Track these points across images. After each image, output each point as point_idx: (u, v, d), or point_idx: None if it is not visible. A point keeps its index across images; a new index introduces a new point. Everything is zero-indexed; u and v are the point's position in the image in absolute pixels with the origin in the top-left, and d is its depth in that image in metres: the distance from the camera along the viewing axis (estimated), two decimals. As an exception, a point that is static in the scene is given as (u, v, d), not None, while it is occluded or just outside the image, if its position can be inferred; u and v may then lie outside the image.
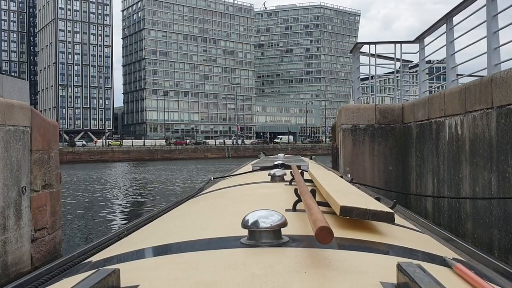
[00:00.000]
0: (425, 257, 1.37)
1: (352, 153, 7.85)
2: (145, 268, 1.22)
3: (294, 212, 1.78)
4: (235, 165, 30.78)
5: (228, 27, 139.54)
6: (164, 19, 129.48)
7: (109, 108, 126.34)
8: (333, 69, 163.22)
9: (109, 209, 17.07)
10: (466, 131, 5.21)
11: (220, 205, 2.44)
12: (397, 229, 1.73)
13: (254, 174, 3.95)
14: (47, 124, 7.23)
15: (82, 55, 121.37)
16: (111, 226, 13.21)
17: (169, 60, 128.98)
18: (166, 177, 33.67)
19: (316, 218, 1.16)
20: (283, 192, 2.48)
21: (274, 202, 2.13)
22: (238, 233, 1.34)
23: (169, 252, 1.37)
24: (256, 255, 1.18)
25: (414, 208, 7.12)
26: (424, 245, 1.61)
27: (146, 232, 1.96)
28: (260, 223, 1.23)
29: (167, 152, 77.98)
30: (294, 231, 1.39)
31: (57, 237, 7.47)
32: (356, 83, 8.70)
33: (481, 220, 4.88)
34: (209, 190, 3.52)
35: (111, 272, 0.97)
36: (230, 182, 3.75)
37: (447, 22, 6.54)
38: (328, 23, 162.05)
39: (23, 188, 6.41)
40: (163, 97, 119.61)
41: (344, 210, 1.50)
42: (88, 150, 73.15)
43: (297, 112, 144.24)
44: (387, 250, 1.37)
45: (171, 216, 2.39)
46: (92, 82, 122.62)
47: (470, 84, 5.10)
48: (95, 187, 26.49)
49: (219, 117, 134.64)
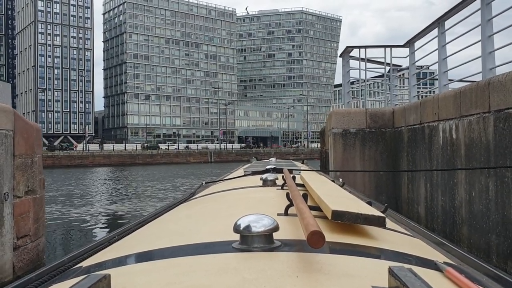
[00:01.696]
0: (416, 261, 1.37)
1: (343, 157, 7.78)
2: (136, 273, 1.21)
3: (286, 216, 1.77)
4: (219, 170, 30.29)
5: (210, 31, 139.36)
6: (145, 23, 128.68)
7: (90, 112, 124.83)
8: (315, 74, 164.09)
9: (90, 215, 16.74)
10: (462, 135, 5.16)
11: (212, 209, 2.42)
12: (388, 233, 1.73)
13: (246, 179, 3.93)
14: (30, 128, 6.99)
15: (62, 58, 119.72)
16: (95, 233, 12.93)
17: (150, 64, 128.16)
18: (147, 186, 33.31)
19: (307, 223, 1.16)
20: (275, 197, 2.46)
21: (266, 206, 2.10)
22: (230, 238, 1.33)
23: (161, 257, 1.36)
24: (248, 259, 1.17)
25: (405, 213, 7.07)
26: (415, 249, 1.61)
27: (137, 237, 1.93)
28: (252, 227, 1.23)
29: (148, 156, 77.31)
30: (286, 235, 1.38)
31: (40, 244, 7.22)
32: (346, 87, 8.64)
33: (477, 225, 4.83)
34: (201, 194, 3.50)
35: (101, 277, 0.96)
36: (222, 186, 3.73)
37: (439, 26, 6.52)
38: (310, 28, 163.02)
39: (5, 194, 6.17)
40: (145, 101, 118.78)
41: (335, 214, 1.50)
42: (68, 154, 72.10)
43: (279, 117, 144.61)
44: (378, 254, 1.38)
45: (162, 220, 2.36)
46: (73, 85, 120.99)
47: (465, 88, 5.06)
48: (76, 192, 26.03)
49: (201, 122, 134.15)
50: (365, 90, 8.36)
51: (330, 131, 8.03)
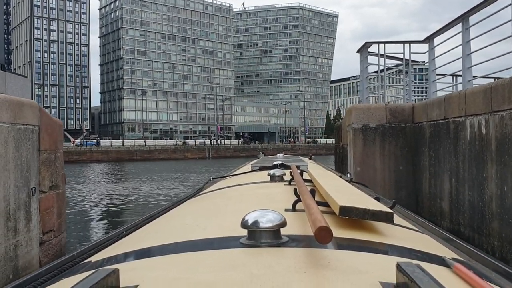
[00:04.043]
0: (424, 257, 1.36)
1: (363, 152, 7.83)
2: (144, 268, 1.21)
3: (293, 212, 1.76)
4: (216, 166, 30.34)
5: (207, 27, 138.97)
6: (142, 18, 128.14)
7: (87, 107, 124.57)
8: (311, 70, 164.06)
9: (107, 208, 16.75)
10: (492, 130, 5.21)
11: (219, 205, 2.44)
12: (396, 229, 1.73)
13: (253, 174, 3.96)
14: (54, 123, 6.99)
15: (59, 54, 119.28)
16: (102, 229, 12.97)
17: (147, 60, 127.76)
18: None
19: (315, 218, 1.16)
20: (282, 192, 2.47)
21: (273, 202, 2.11)
22: (238, 233, 1.33)
23: (169, 252, 1.36)
24: (255, 255, 1.17)
25: (427, 208, 7.13)
26: (423, 245, 1.60)
27: (145, 232, 1.94)
28: (260, 223, 1.22)
29: (146, 152, 77.20)
30: (294, 231, 1.37)
31: (62, 240, 7.23)
32: (364, 83, 8.67)
33: (510, 220, 4.89)
34: (209, 190, 3.51)
35: (110, 272, 0.97)
36: (229, 182, 3.74)
37: (463, 22, 6.57)
38: (307, 24, 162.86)
39: (33, 189, 6.18)
40: (141, 97, 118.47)
41: (343, 210, 1.49)
42: (66, 150, 71.66)
43: (276, 113, 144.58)
44: (386, 250, 1.37)
45: (170, 216, 2.37)
46: (69, 81, 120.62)
47: (497, 84, 5.10)
48: (82, 188, 26.00)
49: (198, 117, 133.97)
50: (384, 85, 8.40)
51: (349, 126, 8.07)
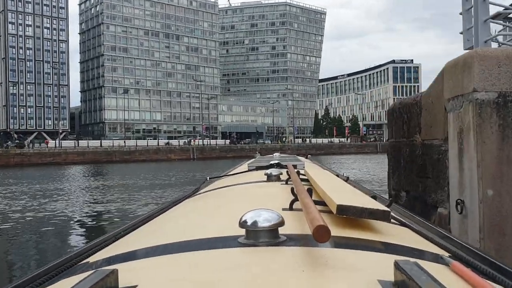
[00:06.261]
0: (422, 255, 1.37)
1: (501, 154, 3.50)
2: (143, 268, 1.23)
3: (291, 211, 1.77)
4: (205, 173, 25.94)
5: (191, 23, 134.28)
6: (124, 14, 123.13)
7: (65, 107, 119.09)
8: (299, 68, 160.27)
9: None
10: None
11: (216, 204, 2.45)
12: (393, 227, 1.74)
13: (250, 174, 3.87)
14: None
15: (35, 50, 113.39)
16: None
17: (129, 57, 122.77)
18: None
19: (313, 217, 1.17)
20: (279, 192, 2.47)
21: (270, 201, 2.09)
22: (236, 233, 1.34)
23: (167, 252, 1.37)
24: (253, 254, 1.19)
25: None
26: (421, 243, 1.60)
27: (143, 232, 1.96)
28: (257, 222, 1.24)
29: (126, 153, 72.43)
30: (291, 230, 1.39)
31: None
32: (481, 11, 4.34)
33: None
34: (206, 190, 3.45)
35: (109, 272, 0.97)
36: (226, 181, 3.69)
37: None
38: (294, 21, 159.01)
39: None
40: (123, 95, 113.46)
41: (340, 208, 1.51)
42: (38, 151, 66.91)
43: (263, 112, 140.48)
44: (384, 248, 1.38)
45: (168, 216, 2.35)
46: (46, 79, 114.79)
47: None
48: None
49: (182, 117, 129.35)
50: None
51: (461, 98, 3.73)
